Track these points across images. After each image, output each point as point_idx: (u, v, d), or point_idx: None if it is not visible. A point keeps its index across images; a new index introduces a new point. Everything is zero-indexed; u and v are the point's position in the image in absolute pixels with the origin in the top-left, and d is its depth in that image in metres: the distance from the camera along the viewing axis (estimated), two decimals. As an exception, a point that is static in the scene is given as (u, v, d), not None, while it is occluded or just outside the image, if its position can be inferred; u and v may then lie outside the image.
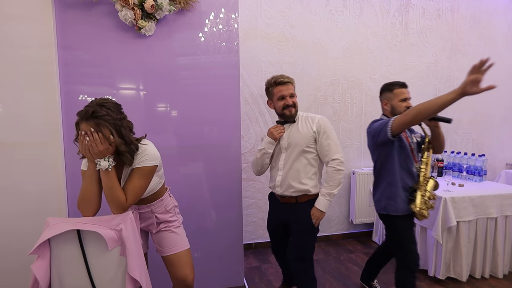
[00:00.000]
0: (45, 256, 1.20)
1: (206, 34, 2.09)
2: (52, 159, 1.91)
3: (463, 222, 2.29)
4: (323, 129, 1.72)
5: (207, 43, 2.09)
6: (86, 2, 1.91)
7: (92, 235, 1.24)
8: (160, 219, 1.52)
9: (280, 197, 1.80)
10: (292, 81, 1.80)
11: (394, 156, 1.76)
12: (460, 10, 3.31)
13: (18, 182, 1.85)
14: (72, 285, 1.22)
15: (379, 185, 1.87)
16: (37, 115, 1.87)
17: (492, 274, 2.42)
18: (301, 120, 1.79)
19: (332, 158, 1.70)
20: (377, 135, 1.72)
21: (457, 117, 3.44)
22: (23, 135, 1.86)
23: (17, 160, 1.85)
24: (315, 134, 1.73)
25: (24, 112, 1.85)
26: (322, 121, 1.74)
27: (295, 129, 1.77)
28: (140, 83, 2.03)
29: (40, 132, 1.88)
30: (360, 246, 3.02)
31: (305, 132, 1.74)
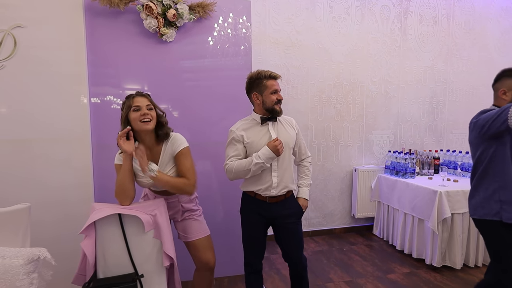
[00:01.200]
0: (92, 235, 1.37)
1: (220, 39, 2.28)
2: (81, 154, 2.08)
3: (457, 214, 2.48)
4: (299, 130, 1.82)
5: (221, 47, 2.28)
6: (114, 11, 2.10)
7: (131, 219, 1.41)
8: (185, 208, 1.70)
9: (269, 198, 1.70)
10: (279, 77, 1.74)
11: (507, 150, 1.51)
12: (455, 17, 3.51)
13: (51, 175, 2.03)
14: (114, 261, 1.40)
15: (482, 185, 1.59)
16: (68, 113, 2.04)
17: (484, 263, 2.61)
18: (283, 120, 1.77)
19: (308, 156, 1.86)
20: (489, 125, 1.48)
21: (453, 118, 3.63)
22: (55, 132, 2.03)
23: (49, 155, 2.02)
24: (295, 135, 1.77)
25: (56, 110, 2.02)
26: (296, 123, 1.81)
27: (282, 129, 1.74)
28: (161, 84, 2.22)
29: (71, 129, 2.05)
30: (361, 239, 3.21)
31: (291, 132, 1.75)
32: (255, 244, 1.76)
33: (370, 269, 2.56)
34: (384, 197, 3.11)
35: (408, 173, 2.92)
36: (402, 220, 2.84)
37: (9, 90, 1.95)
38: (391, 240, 3.04)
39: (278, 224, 1.74)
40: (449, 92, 3.59)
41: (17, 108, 1.96)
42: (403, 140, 3.50)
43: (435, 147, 3.55)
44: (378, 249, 2.97)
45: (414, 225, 2.70)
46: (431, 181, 2.78)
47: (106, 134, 2.12)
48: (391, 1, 3.29)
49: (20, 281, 1.26)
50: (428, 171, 3.13)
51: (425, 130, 3.56)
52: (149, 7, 2.02)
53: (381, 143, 3.43)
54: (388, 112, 3.41)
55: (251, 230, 1.76)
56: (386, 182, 3.07)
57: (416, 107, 3.50)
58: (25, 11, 1.95)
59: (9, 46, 1.95)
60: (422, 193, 2.61)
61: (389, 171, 3.12)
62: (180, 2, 2.09)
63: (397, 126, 3.46)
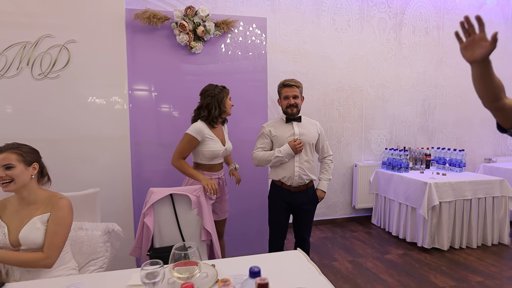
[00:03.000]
0: (151, 213, 1.73)
1: (240, 49, 2.63)
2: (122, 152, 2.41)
3: (444, 202, 2.86)
4: (322, 132, 2.17)
5: (241, 57, 2.63)
6: (150, 28, 2.44)
7: (181, 199, 1.77)
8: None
9: (293, 187, 2.02)
10: (298, 84, 2.01)
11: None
12: (444, 28, 3.90)
13: (96, 169, 2.37)
14: (167, 234, 1.75)
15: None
16: (111, 116, 2.37)
17: (468, 245, 2.99)
18: (306, 121, 2.10)
19: (329, 154, 2.20)
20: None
21: (443, 119, 4.02)
22: (101, 132, 2.36)
23: (95, 152, 2.35)
24: (317, 135, 2.12)
25: (101, 113, 2.35)
26: (320, 126, 2.18)
27: (304, 128, 2.04)
28: (190, 89, 2.55)
29: (113, 130, 2.38)
30: (361, 227, 3.58)
31: (312, 132, 2.07)
32: (279, 226, 2.11)
33: (369, 251, 2.94)
34: (381, 190, 3.49)
35: (402, 168, 3.30)
36: (397, 209, 3.22)
37: (62, 96, 2.28)
38: (388, 227, 3.42)
39: (298, 209, 2.10)
40: (439, 96, 3.98)
41: (68, 112, 2.29)
42: (398, 139, 3.88)
43: (427, 145, 3.94)
44: (376, 235, 3.35)
45: (408, 213, 3.08)
46: (422, 175, 3.16)
47: (142, 134, 2.48)
48: (387, 14, 3.67)
49: (100, 247, 1.61)
50: (420, 166, 3.51)
51: (418, 130, 3.95)
52: (183, 24, 2.37)
53: (378, 141, 3.81)
54: (385, 113, 3.79)
55: (276, 214, 2.10)
56: (383, 176, 3.44)
57: (410, 109, 3.88)
58: (78, 28, 2.28)
59: (64, 58, 2.28)
60: (414, 185, 2.99)
61: (386, 166, 3.50)
62: (208, 20, 2.44)
63: (393, 126, 3.84)
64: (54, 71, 2.26)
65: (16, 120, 2.20)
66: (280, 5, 3.32)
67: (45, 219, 1.33)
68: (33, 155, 1.37)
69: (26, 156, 1.33)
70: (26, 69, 2.21)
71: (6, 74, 2.18)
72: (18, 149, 1.33)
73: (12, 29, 2.16)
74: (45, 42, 2.23)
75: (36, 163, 1.36)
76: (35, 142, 2.21)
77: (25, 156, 1.33)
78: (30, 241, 1.29)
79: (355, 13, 3.55)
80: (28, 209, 1.35)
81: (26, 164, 1.32)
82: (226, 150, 2.04)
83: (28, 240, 1.29)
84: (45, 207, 1.36)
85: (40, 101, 2.23)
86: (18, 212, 1.35)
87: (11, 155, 1.30)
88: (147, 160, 2.56)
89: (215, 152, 1.96)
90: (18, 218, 1.33)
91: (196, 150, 1.97)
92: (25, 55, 2.20)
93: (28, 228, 1.30)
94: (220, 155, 2.01)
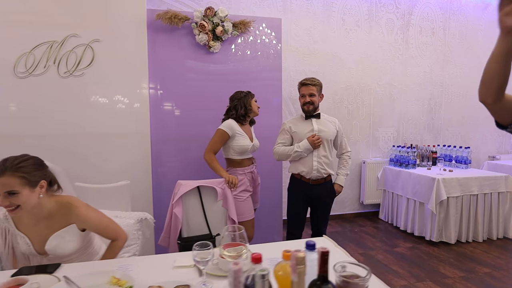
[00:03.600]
0: (180, 204, 1.82)
1: (255, 48, 2.72)
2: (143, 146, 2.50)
3: (452, 197, 2.96)
4: (341, 129, 2.26)
5: (255, 55, 2.72)
6: (170, 27, 2.53)
7: (207, 191, 1.87)
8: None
9: (312, 180, 2.14)
10: (315, 83, 2.11)
11: None
12: (450, 29, 4.00)
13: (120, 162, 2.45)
14: (195, 224, 1.85)
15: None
16: (132, 112, 2.45)
17: (474, 239, 3.09)
18: (325, 118, 2.20)
19: (347, 151, 2.30)
20: None
21: (448, 117, 4.12)
22: (123, 128, 2.44)
23: (118, 146, 2.44)
24: (336, 132, 2.22)
25: (123, 109, 2.44)
26: (339, 124, 2.27)
27: (323, 125, 2.15)
28: (208, 86, 2.65)
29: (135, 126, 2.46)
30: (369, 222, 3.68)
31: (330, 128, 2.18)
32: (298, 217, 2.22)
33: (379, 244, 3.04)
34: (389, 186, 3.59)
35: (410, 164, 3.40)
36: (405, 204, 3.31)
37: (87, 93, 2.37)
38: (395, 222, 3.51)
39: (316, 201, 2.20)
40: (445, 95, 4.08)
41: (92, 109, 2.37)
42: (405, 136, 3.98)
43: (433, 143, 4.04)
44: (384, 229, 3.45)
45: (416, 208, 3.18)
46: (429, 171, 3.26)
47: (161, 131, 2.57)
48: (395, 14, 3.76)
49: (133, 235, 1.70)
50: (426, 163, 3.61)
51: (424, 128, 4.05)
52: (203, 25, 2.46)
53: (386, 139, 3.91)
54: (392, 112, 3.89)
55: (295, 205, 2.22)
56: (391, 173, 3.54)
57: (416, 107, 3.98)
58: (101, 28, 2.36)
59: (89, 57, 2.36)
60: (422, 180, 3.09)
61: (393, 163, 3.60)
62: (226, 21, 2.53)
63: (400, 124, 3.94)
64: (79, 69, 2.35)
65: (42, 116, 2.29)
66: (292, 6, 3.41)
67: (72, 231, 1.27)
68: (38, 173, 1.19)
69: (30, 177, 1.15)
70: (52, 67, 2.30)
71: (34, 72, 2.27)
72: (19, 170, 1.13)
73: (40, 29, 2.25)
74: (71, 41, 2.31)
75: (43, 181, 1.21)
76: (59, 137, 2.34)
77: (29, 177, 1.15)
78: (60, 253, 1.26)
79: (364, 13, 3.64)
80: (45, 222, 1.26)
81: (32, 186, 1.16)
82: (254, 146, 2.19)
83: (58, 253, 1.26)
84: (64, 219, 1.27)
85: (66, 98, 2.32)
86: (36, 224, 1.26)
87: (12, 179, 1.11)
88: (165, 156, 2.65)
89: (244, 147, 2.10)
90: (38, 231, 1.26)
91: (227, 146, 2.11)
92: (52, 53, 2.29)
93: (56, 241, 1.25)
94: (248, 150, 2.16)
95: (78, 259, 1.33)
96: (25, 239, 1.26)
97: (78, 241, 1.29)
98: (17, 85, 2.24)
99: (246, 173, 2.14)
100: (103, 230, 1.33)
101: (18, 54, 2.23)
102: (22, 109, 2.27)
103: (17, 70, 2.24)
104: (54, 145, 2.34)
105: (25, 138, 2.27)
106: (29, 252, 1.27)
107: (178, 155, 2.65)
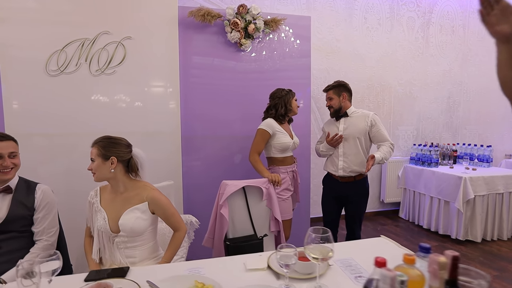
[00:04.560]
0: (226, 205, 1.79)
1: (285, 48, 2.69)
2: (174, 144, 2.47)
3: (478, 196, 2.96)
4: (375, 122, 2.17)
5: (287, 55, 2.70)
6: (201, 25, 2.49)
7: (252, 191, 1.85)
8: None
9: (340, 178, 2.20)
10: (329, 88, 2.24)
11: None
12: (470, 27, 4.00)
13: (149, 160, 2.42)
14: (240, 224, 1.83)
15: None
16: (163, 110, 2.41)
17: (499, 237, 3.11)
18: (356, 115, 2.20)
19: (387, 141, 2.20)
20: None
21: (466, 116, 4.13)
22: (154, 126, 2.41)
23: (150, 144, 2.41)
24: (366, 127, 2.17)
25: (154, 108, 2.40)
26: (373, 117, 2.18)
27: (351, 123, 2.17)
28: (239, 84, 2.62)
29: (166, 124, 2.43)
30: (390, 221, 3.68)
31: (360, 125, 2.15)
32: (329, 215, 2.28)
33: (405, 243, 3.03)
34: (410, 184, 3.59)
35: (433, 163, 3.40)
36: (428, 202, 3.32)
37: (118, 91, 2.34)
38: (417, 221, 3.52)
39: (345, 200, 2.23)
40: (463, 93, 4.08)
41: (123, 106, 2.34)
42: (424, 135, 3.98)
43: (451, 141, 4.04)
44: (406, 228, 3.45)
45: (440, 206, 3.18)
46: (452, 170, 3.26)
47: (191, 129, 2.54)
48: (415, 13, 3.75)
49: (180, 237, 1.68)
50: (448, 161, 3.61)
51: (442, 126, 4.05)
52: (236, 22, 2.42)
53: (405, 137, 3.90)
54: (412, 110, 3.89)
55: (326, 202, 2.30)
56: (413, 171, 3.54)
57: (435, 106, 3.98)
58: (133, 25, 2.33)
59: (120, 54, 2.32)
60: (447, 179, 3.09)
61: (415, 161, 3.60)
62: (258, 18, 2.50)
63: (419, 123, 3.94)
64: (111, 67, 2.31)
65: (74, 114, 2.24)
66: (315, 4, 3.38)
67: (144, 209, 1.39)
68: (112, 149, 1.40)
69: (105, 151, 1.39)
70: (84, 65, 2.25)
71: (65, 70, 2.23)
72: (98, 143, 1.41)
73: (72, 27, 2.20)
74: (103, 38, 2.27)
75: (113, 157, 1.38)
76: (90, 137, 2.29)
77: (102, 150, 1.38)
78: (130, 229, 1.35)
79: (385, 12, 3.62)
80: (122, 198, 1.41)
81: (104, 158, 1.38)
82: (294, 144, 2.18)
83: (128, 228, 1.35)
84: (139, 197, 1.41)
85: (97, 96, 2.28)
86: (113, 200, 1.41)
87: (93, 150, 1.40)
88: (196, 154, 2.62)
89: (286, 144, 2.09)
90: (114, 206, 1.40)
91: (268, 144, 2.11)
92: (84, 51, 2.25)
93: (128, 217, 1.36)
94: (290, 148, 2.14)
95: (143, 247, 1.40)
96: (104, 213, 1.39)
97: (148, 220, 1.39)
98: (49, 83, 2.19)
99: (288, 172, 2.13)
100: (169, 216, 1.42)
101: (50, 52, 2.18)
102: (54, 108, 2.22)
103: (49, 68, 2.20)
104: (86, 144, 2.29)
105: (56, 136, 2.23)
106: (104, 228, 1.37)
107: (207, 154, 2.63)
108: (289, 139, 2.12)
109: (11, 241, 1.40)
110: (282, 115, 2.13)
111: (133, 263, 1.38)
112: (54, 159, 2.25)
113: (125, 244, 1.37)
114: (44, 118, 2.20)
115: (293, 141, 2.15)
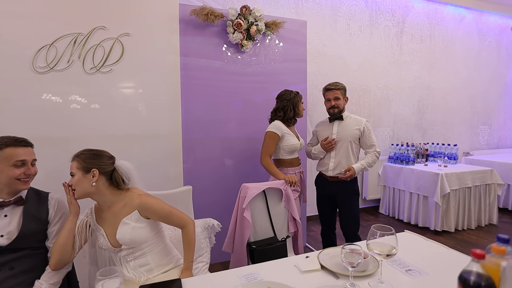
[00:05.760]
0: (248, 207, 1.77)
1: (283, 51, 2.73)
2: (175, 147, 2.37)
3: (452, 190, 3.28)
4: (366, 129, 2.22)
5: (283, 57, 2.74)
6: (202, 24, 2.43)
7: (272, 193, 1.84)
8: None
9: (330, 177, 2.23)
10: (338, 87, 2.17)
11: None
12: (435, 37, 4.41)
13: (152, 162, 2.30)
14: (260, 227, 1.81)
15: None
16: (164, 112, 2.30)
17: (468, 227, 3.47)
18: (350, 120, 2.21)
19: (373, 149, 2.25)
20: None
21: (433, 118, 4.54)
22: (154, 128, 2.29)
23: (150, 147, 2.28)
24: (358, 132, 2.21)
25: (154, 109, 2.28)
26: (366, 124, 2.22)
27: (344, 127, 2.18)
28: (239, 84, 2.60)
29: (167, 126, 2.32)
30: (372, 217, 3.91)
31: (352, 130, 2.18)
32: (322, 215, 2.34)
33: (391, 237, 3.24)
34: (389, 181, 3.84)
35: (410, 161, 3.68)
36: (408, 198, 3.59)
37: (115, 91, 2.18)
38: (397, 215, 3.78)
39: (337, 200, 2.25)
40: (431, 97, 4.48)
41: (121, 107, 2.19)
42: (399, 135, 4.29)
43: (421, 141, 4.42)
44: (388, 222, 3.69)
45: (420, 201, 3.46)
46: (427, 167, 3.57)
47: (193, 130, 2.46)
48: (391, 22, 4.04)
49: (202, 243, 1.62)
50: (421, 159, 3.94)
51: (414, 127, 4.41)
52: (239, 23, 2.40)
53: (383, 138, 4.18)
54: (388, 112, 4.17)
55: (319, 202, 2.34)
56: (392, 169, 3.80)
57: (408, 108, 4.32)
58: (132, 21, 2.19)
59: (118, 52, 2.17)
60: (425, 176, 3.38)
61: (393, 160, 3.86)
62: (260, 20, 2.50)
63: (395, 124, 4.25)
64: (107, 65, 2.15)
65: (67, 115, 2.05)
66: (303, 9, 3.48)
67: (136, 217, 1.29)
68: (92, 161, 1.27)
69: (84, 163, 1.26)
70: (77, 62, 2.07)
71: (55, 67, 2.02)
72: (79, 156, 1.28)
73: (62, 20, 2.01)
74: (98, 34, 2.11)
75: (95, 169, 1.26)
76: (83, 138, 2.10)
77: (83, 163, 1.26)
78: (130, 240, 1.27)
79: (366, 19, 3.85)
80: (111, 212, 1.31)
81: (84, 171, 1.25)
82: (301, 145, 2.21)
83: (127, 240, 1.27)
84: (127, 208, 1.30)
85: (92, 96, 2.11)
86: (107, 215, 1.32)
87: (72, 164, 1.28)
88: (196, 155, 2.54)
89: (294, 146, 2.12)
90: (109, 221, 1.31)
91: (277, 146, 2.12)
92: (77, 47, 2.06)
93: (123, 230, 1.27)
94: (298, 149, 2.17)
95: (153, 252, 1.33)
96: (102, 231, 1.31)
97: (146, 227, 1.30)
98: (37, 80, 1.97)
99: (296, 173, 2.15)
100: (167, 216, 1.33)
101: (38, 47, 1.97)
102: (42, 108, 2.00)
103: (36, 64, 1.98)
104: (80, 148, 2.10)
105: (47, 140, 2.01)
106: (106, 246, 1.30)
107: (208, 155, 2.56)
108: (296, 141, 2.15)
109: (25, 260, 1.24)
110: (291, 118, 2.14)
111: (150, 270, 1.31)
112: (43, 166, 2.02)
113: (133, 255, 1.31)
114: (32, 120, 1.97)
115: (299, 143, 2.19)
